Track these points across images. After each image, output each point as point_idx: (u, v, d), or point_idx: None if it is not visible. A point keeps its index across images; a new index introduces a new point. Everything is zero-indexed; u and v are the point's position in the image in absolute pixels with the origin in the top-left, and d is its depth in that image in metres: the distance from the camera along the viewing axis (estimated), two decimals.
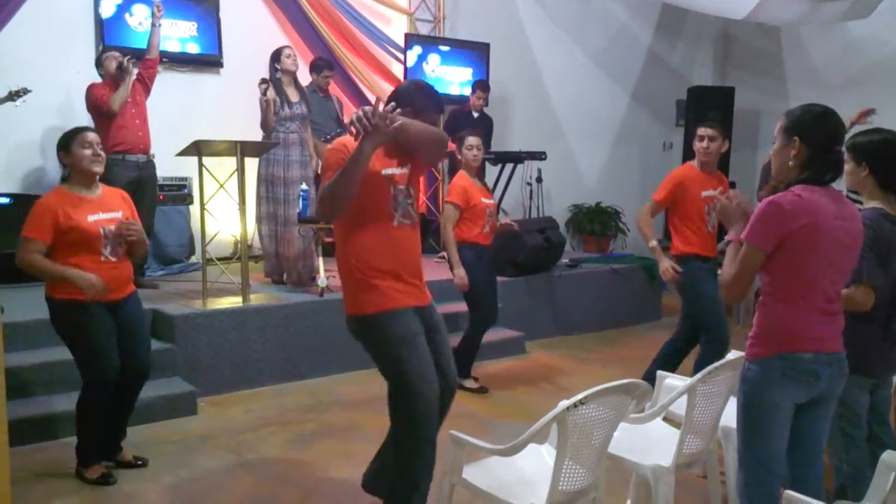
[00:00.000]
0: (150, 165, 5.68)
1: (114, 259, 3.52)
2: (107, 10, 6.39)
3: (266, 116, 5.60)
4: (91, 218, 3.46)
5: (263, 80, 5.64)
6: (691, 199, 4.50)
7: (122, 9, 6.45)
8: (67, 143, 3.52)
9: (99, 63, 5.63)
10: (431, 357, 2.92)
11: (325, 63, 6.59)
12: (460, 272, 4.82)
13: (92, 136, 3.54)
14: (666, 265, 4.50)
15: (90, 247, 3.44)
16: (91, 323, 3.47)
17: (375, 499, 3.34)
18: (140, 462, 3.78)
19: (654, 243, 4.55)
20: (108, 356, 3.51)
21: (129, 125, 5.52)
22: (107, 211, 3.54)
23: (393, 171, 3.00)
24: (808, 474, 2.46)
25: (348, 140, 2.94)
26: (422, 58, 7.97)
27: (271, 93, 5.59)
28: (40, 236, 3.38)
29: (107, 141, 5.39)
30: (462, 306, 5.24)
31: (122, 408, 3.74)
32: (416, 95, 3.00)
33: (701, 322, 4.52)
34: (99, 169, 3.54)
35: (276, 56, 5.77)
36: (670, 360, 4.60)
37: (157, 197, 5.92)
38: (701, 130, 4.50)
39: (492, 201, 5.07)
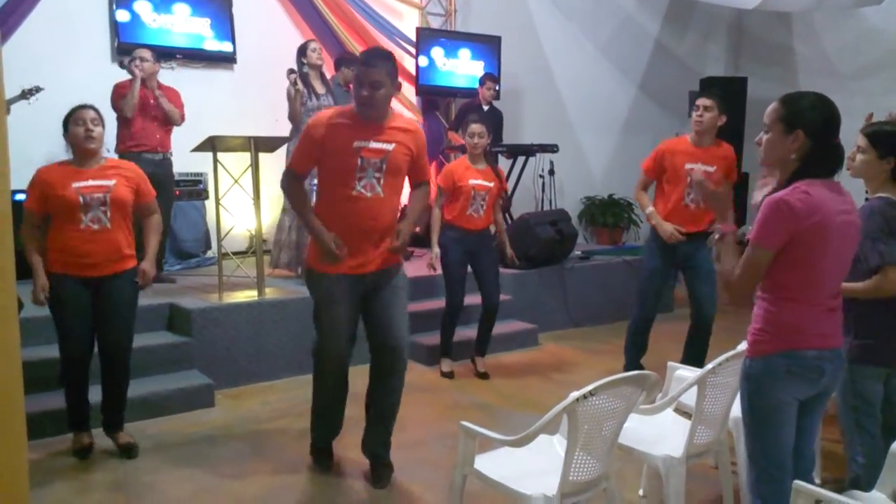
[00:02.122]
0: (165, 163, 5.72)
1: (95, 227, 3.53)
2: (121, 8, 6.43)
3: (294, 107, 5.66)
4: (75, 185, 3.51)
5: (292, 71, 5.70)
6: (672, 169, 4.59)
7: (137, 5, 6.49)
8: (66, 122, 3.61)
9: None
10: (371, 316, 3.43)
11: (353, 58, 6.62)
12: (433, 251, 5.02)
13: (86, 114, 3.58)
14: (668, 228, 4.58)
15: (69, 214, 3.50)
16: (63, 299, 3.57)
17: (393, 488, 3.50)
18: (132, 450, 3.80)
19: (650, 209, 4.68)
20: (74, 335, 3.63)
21: (148, 126, 5.56)
22: (98, 179, 3.57)
23: (366, 143, 3.27)
24: (797, 466, 2.42)
25: (329, 112, 3.37)
26: (433, 51, 7.99)
27: (300, 84, 5.68)
28: (34, 207, 3.52)
29: (126, 139, 5.48)
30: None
31: (107, 386, 3.79)
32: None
33: (636, 293, 4.92)
34: (93, 146, 3.59)
35: (303, 50, 5.85)
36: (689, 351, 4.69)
37: (172, 193, 5.95)
38: (698, 100, 4.57)
39: (488, 184, 4.99)
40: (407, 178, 3.53)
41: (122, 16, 6.41)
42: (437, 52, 8.02)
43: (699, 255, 4.67)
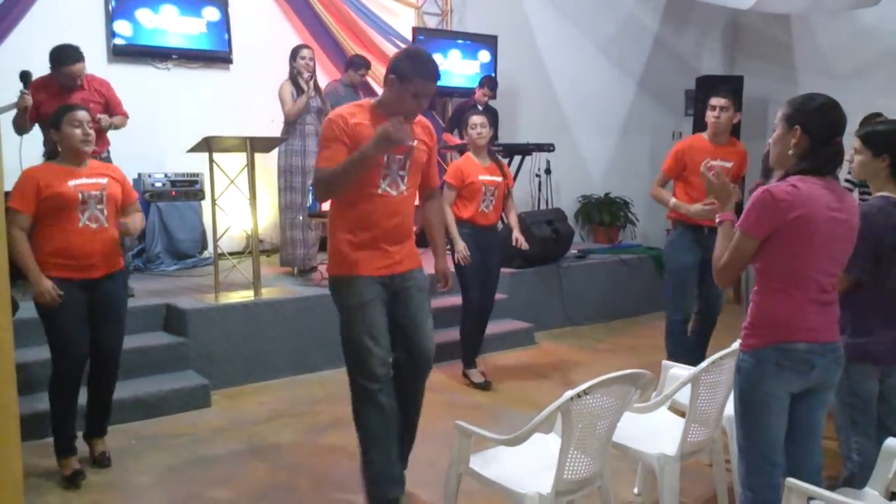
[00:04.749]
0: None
1: (93, 226, 3.47)
2: (116, 8, 6.41)
3: (296, 110, 5.76)
4: (72, 182, 3.43)
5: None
6: (692, 168, 4.60)
7: (133, 6, 6.47)
8: (58, 120, 3.50)
9: None
10: (398, 321, 3.19)
11: (362, 61, 6.60)
12: (459, 246, 4.81)
13: (82, 115, 3.50)
14: (697, 207, 4.50)
15: (68, 212, 3.41)
16: (61, 304, 3.42)
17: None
18: (104, 461, 3.73)
19: (673, 201, 4.68)
20: (73, 341, 3.49)
21: None
22: (91, 177, 3.51)
23: None
24: (805, 463, 2.47)
25: (346, 110, 3.11)
26: (429, 50, 7.96)
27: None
28: (24, 207, 3.35)
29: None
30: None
31: (96, 390, 3.72)
32: (402, 62, 3.10)
33: (664, 289, 4.87)
34: (88, 149, 3.52)
35: (294, 55, 5.88)
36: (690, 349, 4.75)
37: None
38: (713, 100, 4.60)
39: (497, 179, 4.96)
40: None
41: (117, 15, 6.41)
42: (432, 52, 8.00)
43: None
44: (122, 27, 6.45)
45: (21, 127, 4.82)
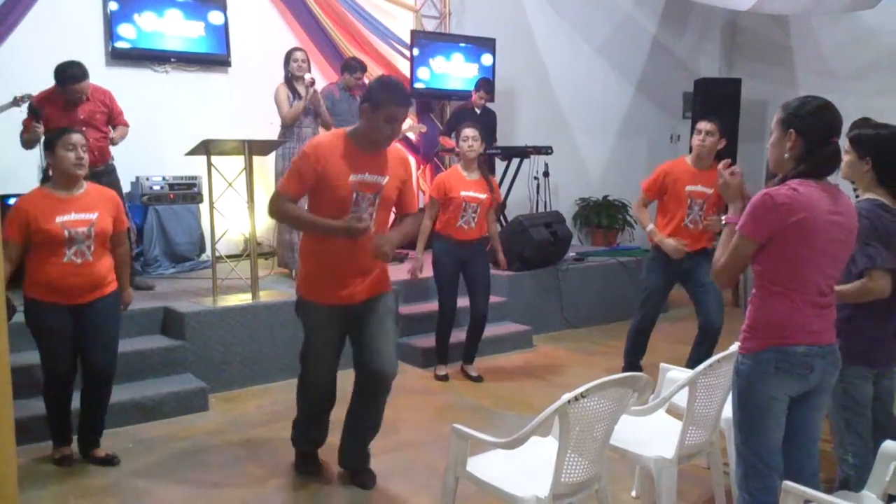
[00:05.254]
0: (104, 173, 5.18)
1: (78, 261, 3.50)
2: (115, 12, 6.40)
3: (295, 113, 5.84)
4: (59, 219, 3.44)
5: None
6: (673, 192, 4.69)
7: (133, 10, 6.47)
8: (52, 143, 3.51)
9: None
10: (359, 342, 3.41)
11: (358, 64, 6.60)
12: (418, 263, 5.05)
13: (76, 139, 3.51)
14: (672, 244, 4.65)
15: (53, 248, 3.45)
16: (46, 325, 3.53)
17: (387, 491, 3.49)
18: (112, 460, 3.77)
19: (650, 227, 4.76)
20: (56, 359, 3.59)
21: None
22: (80, 212, 3.51)
23: (363, 177, 3.24)
24: (803, 466, 2.48)
25: (320, 143, 3.26)
26: (427, 54, 8.00)
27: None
28: (15, 237, 3.40)
29: None
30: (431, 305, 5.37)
31: (88, 408, 3.77)
32: (374, 91, 3.23)
33: (638, 304, 4.98)
34: (81, 172, 3.53)
35: (287, 58, 5.92)
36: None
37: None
38: (700, 124, 4.64)
39: (480, 196, 4.96)
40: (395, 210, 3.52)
41: (116, 19, 6.41)
42: (431, 55, 8.02)
43: (701, 269, 4.70)
44: (123, 31, 6.45)
45: (30, 145, 4.92)
